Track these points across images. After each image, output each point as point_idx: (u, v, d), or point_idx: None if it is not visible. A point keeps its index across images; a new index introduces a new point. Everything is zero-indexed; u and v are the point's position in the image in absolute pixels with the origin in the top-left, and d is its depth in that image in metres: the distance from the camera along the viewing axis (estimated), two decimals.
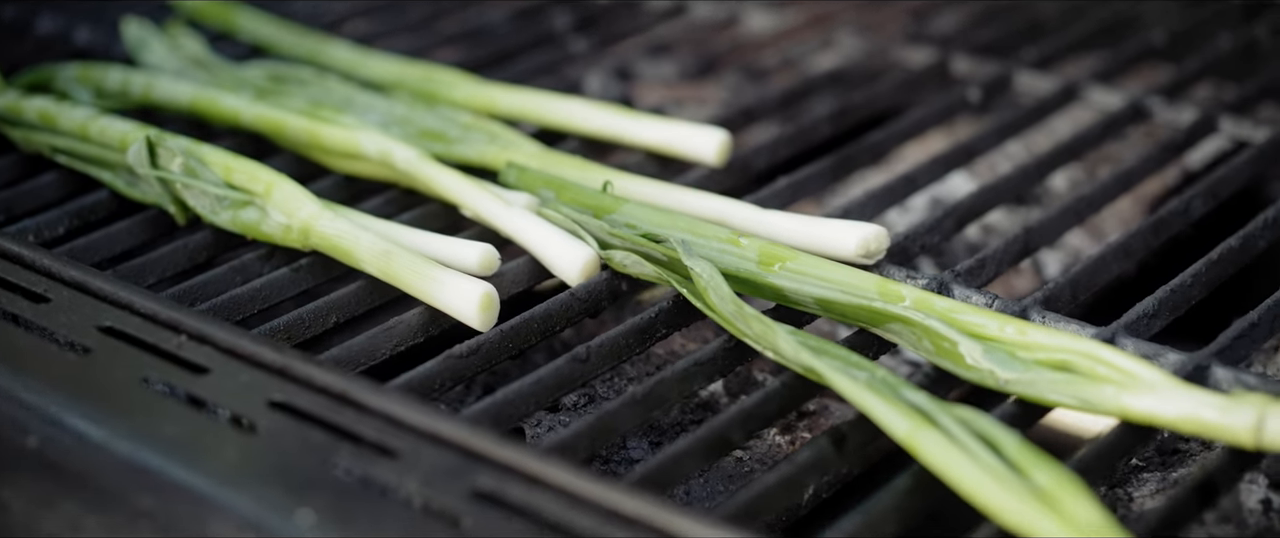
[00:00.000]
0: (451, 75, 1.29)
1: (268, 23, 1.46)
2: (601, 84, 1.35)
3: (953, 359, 0.90)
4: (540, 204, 1.07)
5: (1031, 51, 1.39)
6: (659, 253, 0.99)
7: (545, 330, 0.97)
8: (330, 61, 1.37)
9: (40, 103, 1.21)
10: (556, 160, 1.13)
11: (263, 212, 1.06)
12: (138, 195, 1.14)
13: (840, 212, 1.09)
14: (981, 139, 1.22)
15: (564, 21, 1.51)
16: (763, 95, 1.31)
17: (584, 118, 1.22)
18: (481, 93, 1.26)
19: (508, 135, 1.18)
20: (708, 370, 0.92)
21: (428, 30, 1.53)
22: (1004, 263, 1.05)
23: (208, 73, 1.32)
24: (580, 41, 1.46)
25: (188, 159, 1.09)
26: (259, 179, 1.07)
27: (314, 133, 1.16)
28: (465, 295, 0.95)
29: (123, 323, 0.93)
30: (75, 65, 1.33)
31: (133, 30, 1.42)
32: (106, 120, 1.16)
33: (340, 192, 1.16)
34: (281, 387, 0.86)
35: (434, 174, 1.09)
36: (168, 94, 1.26)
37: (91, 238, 1.09)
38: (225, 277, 1.04)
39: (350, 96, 1.25)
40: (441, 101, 1.26)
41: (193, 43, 1.38)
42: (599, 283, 1.00)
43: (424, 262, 0.98)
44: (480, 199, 1.06)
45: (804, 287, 0.96)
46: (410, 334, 0.97)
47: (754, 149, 1.20)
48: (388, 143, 1.12)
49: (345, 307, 1.00)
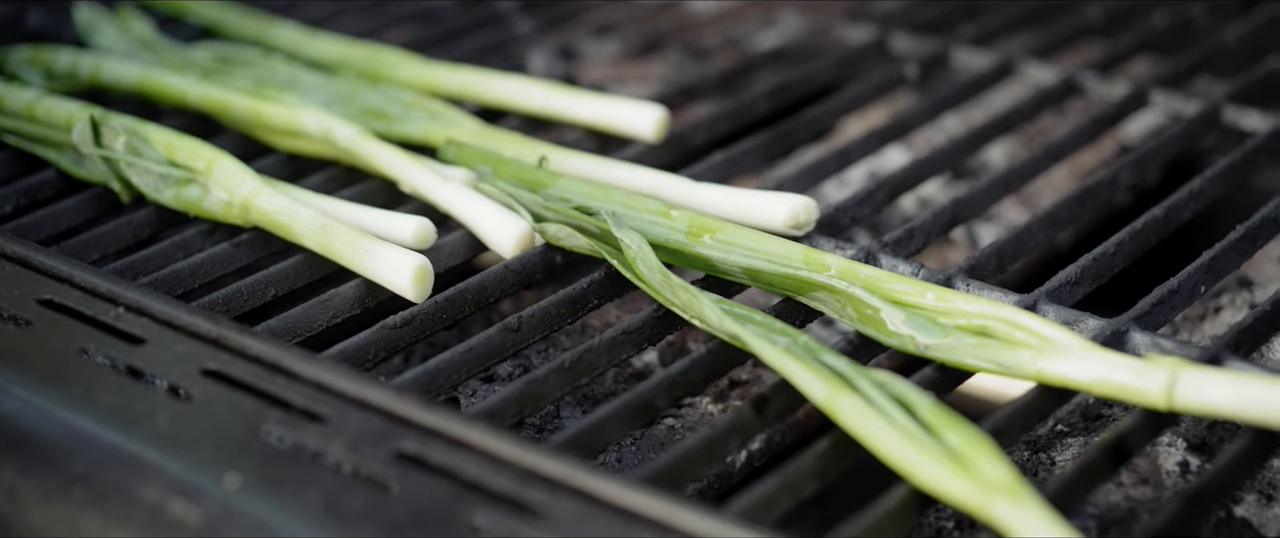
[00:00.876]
0: (395, 55, 1.30)
1: (217, 5, 1.47)
2: (545, 63, 1.37)
3: (875, 326, 0.92)
4: (477, 179, 1.09)
5: (969, 29, 1.41)
6: (591, 225, 1.01)
7: (479, 302, 0.99)
8: (277, 42, 1.38)
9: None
10: (495, 137, 1.15)
11: (205, 189, 1.08)
12: (84, 174, 1.15)
13: (774, 185, 1.11)
14: (916, 114, 1.24)
15: (510, 4, 1.53)
16: (703, 73, 1.33)
17: (524, 95, 1.23)
18: (424, 72, 1.27)
19: (449, 113, 1.19)
20: (636, 339, 0.94)
21: (378, 11, 1.54)
22: (932, 234, 1.07)
23: (156, 54, 1.34)
24: (526, 22, 1.47)
25: (131, 138, 1.11)
26: (201, 156, 1.08)
27: (257, 111, 1.18)
28: (399, 267, 0.97)
29: (62, 296, 0.94)
30: (25, 48, 1.34)
31: (84, 13, 1.43)
32: (52, 101, 1.18)
33: (283, 169, 1.18)
34: (215, 356, 0.88)
35: (373, 151, 1.11)
36: (115, 75, 1.27)
37: (37, 216, 1.11)
38: (167, 252, 1.05)
39: (295, 76, 1.26)
40: (385, 81, 1.28)
41: (142, 25, 1.39)
42: (533, 255, 1.02)
43: (360, 235, 0.99)
44: (417, 174, 1.08)
45: (731, 257, 0.98)
46: (346, 306, 0.98)
47: (692, 125, 1.22)
48: (329, 120, 1.14)
49: (283, 280, 1.02)
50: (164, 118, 1.25)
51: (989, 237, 1.28)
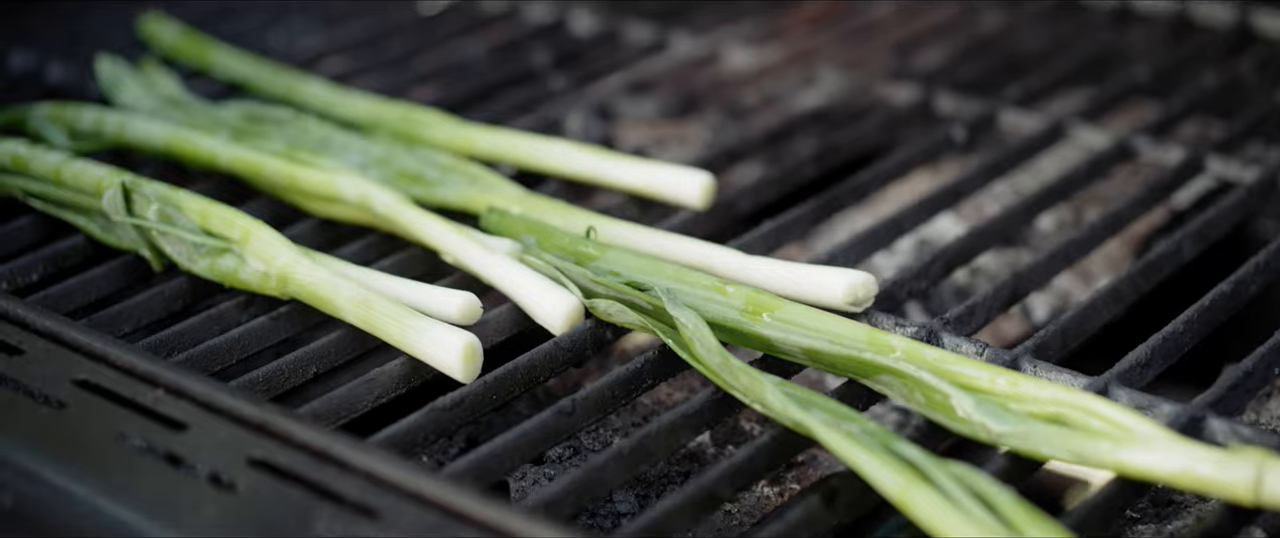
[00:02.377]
0: (429, 115, 1.27)
1: (243, 60, 1.45)
2: (582, 123, 1.34)
3: (944, 412, 0.89)
4: (522, 250, 1.06)
5: (1015, 89, 1.38)
6: (643, 301, 0.98)
7: (529, 381, 0.96)
8: (306, 100, 1.35)
9: (12, 146, 1.19)
10: (538, 204, 1.12)
11: (240, 259, 1.05)
12: (113, 241, 1.12)
13: (826, 256, 1.08)
14: (968, 180, 1.21)
15: (543, 58, 1.50)
16: (745, 135, 1.30)
17: (565, 159, 1.20)
18: (460, 133, 1.24)
19: (488, 178, 1.16)
20: (695, 423, 0.91)
21: (405, 67, 1.51)
22: (993, 309, 1.04)
23: (183, 113, 1.31)
24: (560, 78, 1.45)
25: (164, 205, 1.08)
26: (235, 225, 1.05)
27: (292, 175, 1.15)
28: (448, 346, 0.94)
29: (98, 376, 0.91)
30: (47, 105, 1.31)
31: (106, 69, 1.41)
32: (80, 165, 1.15)
33: (318, 235, 1.15)
34: (261, 443, 0.85)
35: (414, 219, 1.08)
36: (142, 135, 1.24)
37: (66, 285, 1.08)
38: (202, 326, 1.02)
39: (327, 137, 1.24)
40: (420, 142, 1.25)
41: (167, 82, 1.36)
42: (583, 332, 0.99)
43: (405, 311, 0.96)
44: (462, 246, 1.05)
45: (792, 337, 0.95)
46: (392, 385, 0.95)
47: (738, 191, 1.19)
48: (367, 186, 1.11)
49: (325, 357, 0.99)
50: (192, 179, 1.23)
51: (1039, 307, 1.25)
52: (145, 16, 1.56)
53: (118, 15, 1.62)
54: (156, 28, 1.55)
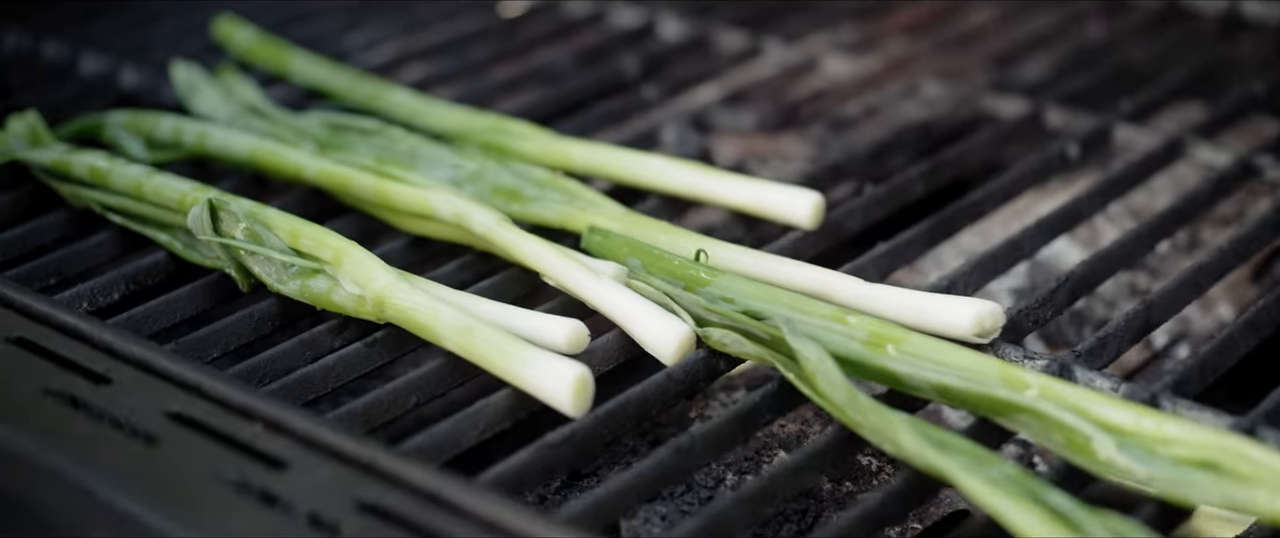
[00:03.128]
0: (521, 127, 1.23)
1: (322, 66, 1.41)
2: (678, 135, 1.30)
3: (1085, 454, 0.85)
4: (628, 274, 1.02)
5: (1127, 103, 1.33)
6: (760, 331, 0.94)
7: (641, 415, 0.92)
8: (390, 109, 1.31)
9: (90, 159, 1.16)
10: (640, 224, 1.08)
11: (333, 280, 1.01)
12: (196, 258, 1.08)
13: (947, 284, 1.04)
14: (1087, 200, 1.16)
15: (632, 64, 1.46)
16: (850, 150, 1.25)
17: (665, 176, 1.16)
18: (554, 147, 1.20)
19: (587, 195, 1.12)
20: (819, 463, 0.87)
21: (488, 74, 1.48)
22: (1125, 341, 0.99)
23: (264, 122, 1.27)
24: (651, 87, 1.40)
25: (251, 223, 1.04)
26: (328, 246, 1.02)
27: (383, 191, 1.11)
28: (558, 378, 0.89)
29: (191, 408, 0.87)
30: (123, 113, 1.28)
31: (182, 74, 1.37)
32: (162, 179, 1.11)
33: (409, 254, 1.11)
34: (368, 484, 0.80)
35: (514, 240, 1.04)
36: (223, 146, 1.21)
37: (150, 306, 1.04)
38: (294, 352, 0.99)
39: (416, 149, 1.20)
40: (512, 155, 1.21)
41: (246, 89, 1.32)
42: (696, 362, 0.95)
43: (510, 339, 0.92)
44: (565, 269, 1.01)
45: (921, 372, 0.90)
46: (497, 419, 0.91)
47: (847, 210, 1.15)
48: (463, 205, 1.07)
49: (425, 387, 0.95)
50: (273, 190, 1.20)
51: (1159, 335, 1.21)
52: (219, 20, 1.52)
53: (190, 19, 1.58)
54: (230, 31, 1.51)
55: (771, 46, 1.49)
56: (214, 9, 1.58)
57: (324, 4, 1.63)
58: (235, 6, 1.59)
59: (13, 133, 1.28)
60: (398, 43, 1.54)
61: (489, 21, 1.59)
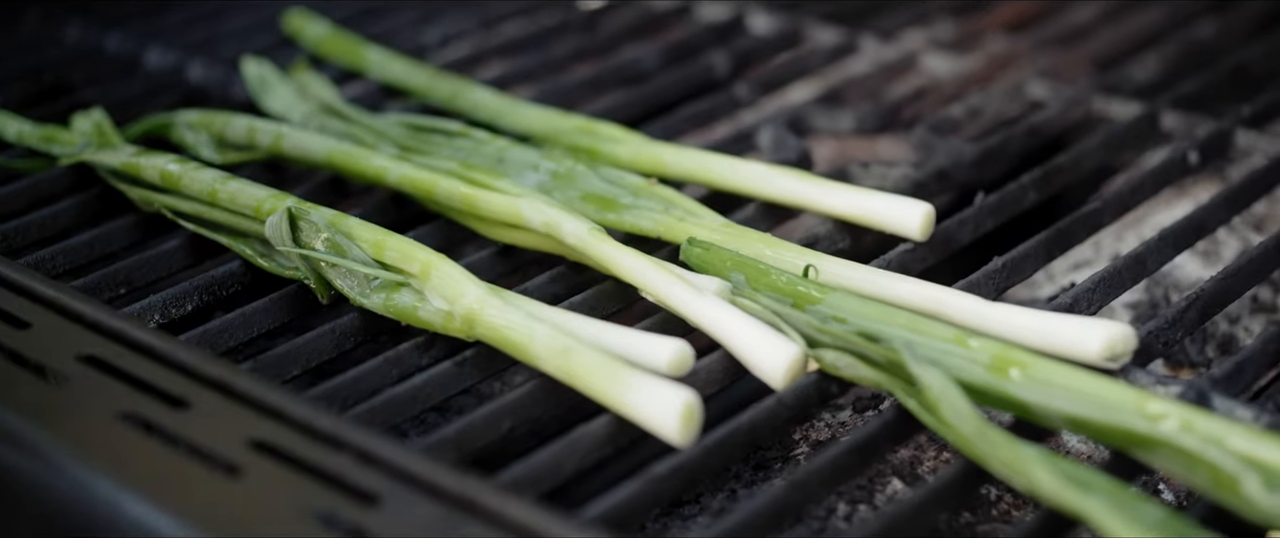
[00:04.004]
0: (612, 129, 1.19)
1: (398, 62, 1.37)
2: (774, 138, 1.25)
3: (1231, 492, 0.80)
4: (732, 290, 0.97)
5: (1247, 106, 1.27)
6: (876, 354, 0.89)
7: (750, 444, 0.87)
8: (472, 109, 1.27)
9: (161, 162, 1.12)
10: (742, 235, 1.03)
11: (419, 295, 0.97)
12: (273, 268, 1.04)
13: (1068, 301, 0.99)
14: (1211, 211, 1.11)
15: (722, 61, 1.41)
16: (956, 155, 1.20)
17: (765, 183, 1.11)
18: (646, 151, 1.16)
19: (683, 203, 1.08)
20: (946, 501, 0.82)
21: (571, 71, 1.43)
22: (1263, 366, 0.94)
23: (340, 122, 1.23)
24: (742, 86, 1.35)
25: (333, 233, 1.00)
26: (414, 258, 0.97)
27: (469, 199, 1.07)
28: (665, 405, 0.85)
29: (275, 435, 0.83)
30: (194, 112, 1.24)
31: (252, 71, 1.33)
32: (237, 185, 1.07)
33: (498, 264, 1.07)
34: (467, 522, 0.76)
35: (609, 253, 0.99)
36: (300, 148, 1.17)
37: (226, 320, 1.00)
38: (379, 370, 0.94)
39: (502, 152, 1.15)
40: (602, 159, 1.16)
41: (321, 87, 1.28)
42: (808, 386, 0.90)
43: (611, 362, 0.88)
44: (667, 285, 0.96)
45: (1052, 401, 0.85)
46: (596, 447, 0.87)
47: (958, 220, 1.10)
48: (554, 214, 1.02)
49: (520, 411, 0.90)
50: (352, 194, 1.16)
51: None
52: (289, 13, 1.48)
53: (260, 12, 1.54)
54: (301, 25, 1.47)
55: (866, 43, 1.44)
56: (284, 3, 1.54)
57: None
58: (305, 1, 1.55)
59: (78, 131, 1.24)
60: (475, 38, 1.50)
61: (569, 16, 1.54)
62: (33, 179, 1.20)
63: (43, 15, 1.54)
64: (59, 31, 1.51)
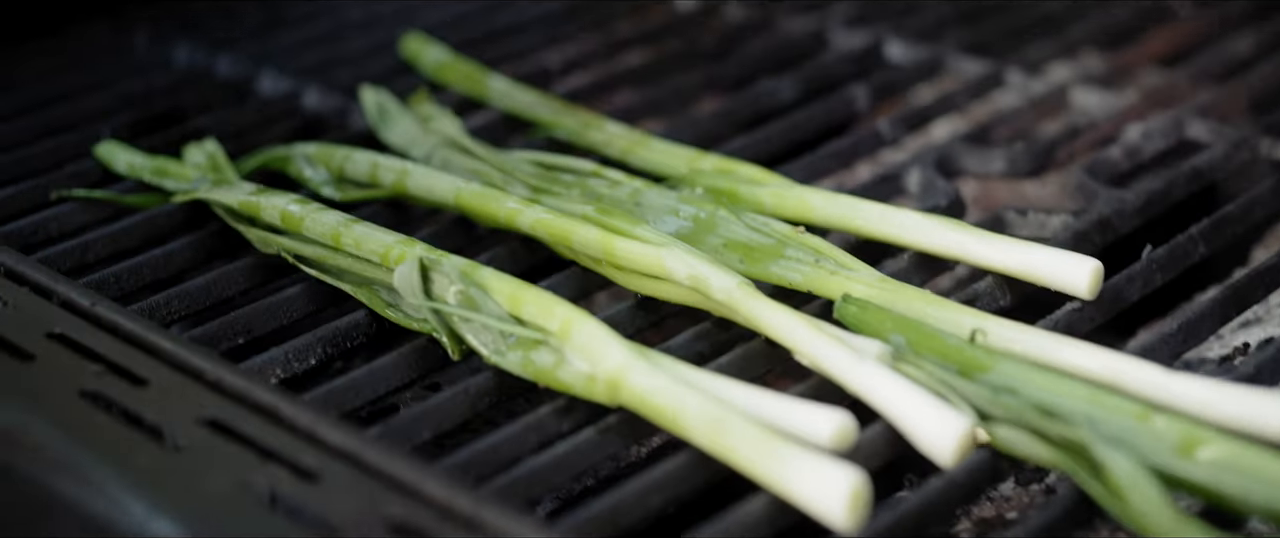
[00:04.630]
0: (752, 170, 1.13)
1: (522, 92, 1.32)
2: (922, 180, 1.19)
3: None
4: (893, 353, 0.91)
5: None
6: (1054, 432, 0.83)
7: (919, 529, 0.81)
8: (603, 144, 1.22)
9: (281, 203, 1.07)
10: (900, 292, 0.97)
11: (559, 355, 0.91)
12: (400, 319, 1.00)
13: (1251, 369, 0.93)
14: None
15: (862, 94, 1.35)
16: (1118, 202, 1.14)
17: (919, 233, 1.05)
18: (792, 196, 1.10)
19: (834, 254, 1.02)
20: None
21: (701, 103, 1.38)
22: None
23: (465, 158, 1.18)
24: (885, 122, 1.29)
25: (466, 285, 0.95)
26: (554, 315, 0.92)
27: (609, 247, 1.01)
28: (830, 486, 0.79)
29: (413, 516, 0.78)
30: (312, 146, 1.19)
31: (371, 100, 1.28)
32: (363, 229, 1.03)
33: (638, 317, 1.02)
34: None
35: (761, 311, 0.94)
36: (426, 188, 1.12)
37: (352, 377, 0.95)
38: (518, 437, 0.89)
39: (638, 195, 1.10)
40: (743, 203, 1.11)
41: (444, 120, 1.23)
42: (980, 464, 0.84)
43: (769, 436, 0.82)
44: (823, 348, 0.91)
45: (1249, 494, 0.79)
46: (753, 529, 0.81)
47: (1127, 276, 1.04)
48: (701, 267, 0.97)
49: (669, 486, 0.85)
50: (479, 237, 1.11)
51: None
52: (407, 37, 1.44)
53: (376, 34, 1.50)
54: (419, 49, 1.42)
55: (1012, 76, 1.38)
56: (402, 24, 1.50)
57: (517, 19, 1.54)
58: (424, 21, 1.51)
59: (191, 163, 1.20)
60: (600, 66, 1.45)
61: (696, 42, 1.48)
62: (146, 215, 1.16)
63: (151, 37, 1.50)
64: (168, 53, 1.47)
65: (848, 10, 1.55)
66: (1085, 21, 1.48)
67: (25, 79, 1.41)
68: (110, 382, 0.90)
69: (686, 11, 1.55)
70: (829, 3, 1.56)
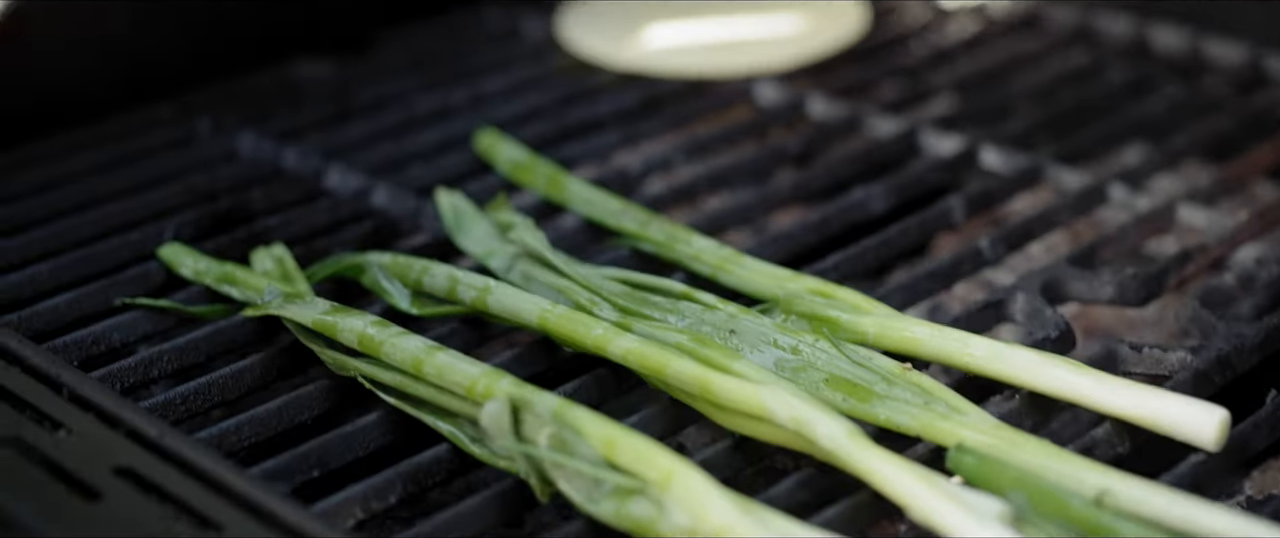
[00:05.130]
0: (853, 296, 1.09)
1: (603, 197, 1.27)
2: (1027, 308, 1.14)
3: None
4: (1013, 515, 0.86)
5: None
6: None
7: None
8: (690, 259, 1.17)
9: (359, 325, 1.03)
10: (1018, 443, 0.92)
11: (658, 506, 0.87)
12: (485, 456, 0.96)
13: None
14: None
15: (958, 206, 1.30)
16: (1238, 339, 1.09)
17: (1034, 373, 1.00)
18: (896, 327, 1.05)
19: (945, 396, 0.98)
20: None
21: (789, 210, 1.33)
22: None
23: (547, 271, 1.13)
24: (985, 240, 1.24)
25: (559, 428, 0.91)
26: (653, 464, 0.88)
27: (705, 383, 0.97)
28: None
29: None
30: (387, 256, 1.15)
31: (447, 204, 1.24)
32: (446, 358, 0.98)
33: (735, 459, 0.98)
34: None
35: (872, 463, 0.89)
36: (510, 309, 1.07)
37: (436, 522, 0.91)
38: None
39: (732, 321, 1.06)
40: (844, 332, 1.06)
41: (526, 230, 1.18)
42: None
43: None
44: (938, 508, 0.86)
45: None
46: None
47: (1252, 423, 0.99)
48: (805, 410, 0.92)
49: None
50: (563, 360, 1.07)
51: None
52: (481, 132, 1.40)
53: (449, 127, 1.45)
54: (493, 146, 1.38)
55: (1115, 190, 1.33)
56: (473, 115, 1.46)
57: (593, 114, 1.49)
58: (496, 115, 1.46)
59: (260, 269, 1.16)
60: (682, 169, 1.40)
61: (781, 143, 1.44)
62: (214, 326, 1.12)
63: (214, 125, 1.46)
64: (232, 143, 1.43)
65: (938, 111, 1.50)
66: (1187, 131, 1.43)
67: (83, 169, 1.37)
68: (181, 529, 0.86)
69: (770, 107, 1.50)
70: (919, 103, 1.51)
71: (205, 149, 1.42)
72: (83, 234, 1.27)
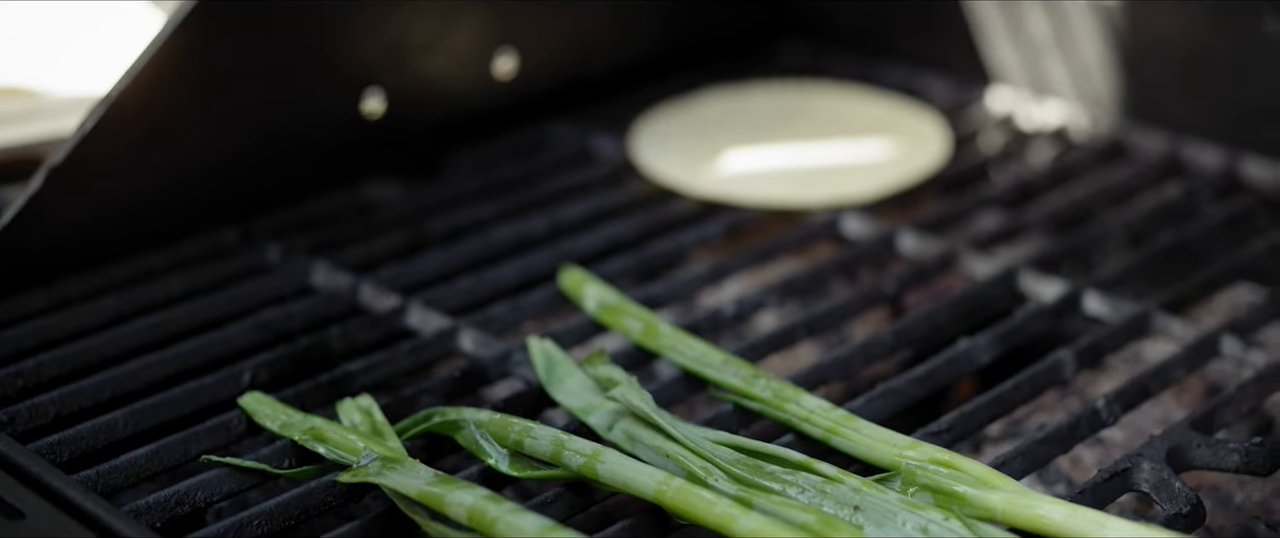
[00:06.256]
0: (979, 469, 1.05)
1: (702, 348, 1.24)
2: (1155, 479, 1.11)
3: None
4: None
5: None
6: None
7: None
8: (801, 421, 1.14)
9: (469, 499, 1.00)
10: None
11: None
12: None
13: None
14: None
15: (1068, 360, 1.26)
16: None
17: None
18: (1025, 505, 1.02)
19: None
20: None
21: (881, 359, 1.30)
22: None
23: (654, 434, 1.10)
24: (1100, 399, 1.20)
25: None
26: None
27: None
28: None
29: None
30: (485, 414, 1.12)
31: (539, 352, 1.22)
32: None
33: None
34: None
35: None
36: (623, 478, 1.04)
37: None
38: None
39: (856, 495, 1.03)
40: (971, 508, 1.03)
41: (629, 386, 1.14)
42: None
43: None
44: None
45: None
46: None
47: None
48: None
49: None
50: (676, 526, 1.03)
51: None
52: (564, 270, 1.37)
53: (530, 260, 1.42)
54: (578, 285, 1.35)
55: (1228, 344, 1.29)
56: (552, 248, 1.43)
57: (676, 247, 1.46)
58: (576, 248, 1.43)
59: (348, 421, 1.13)
60: (774, 311, 1.37)
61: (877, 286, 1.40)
62: (304, 488, 1.08)
63: (284, 252, 1.43)
64: (304, 273, 1.39)
65: (1032, 249, 1.47)
66: None
67: (154, 297, 1.34)
68: None
69: (858, 240, 1.47)
70: (1011, 239, 1.49)
71: (278, 280, 1.39)
72: (161, 373, 1.23)
